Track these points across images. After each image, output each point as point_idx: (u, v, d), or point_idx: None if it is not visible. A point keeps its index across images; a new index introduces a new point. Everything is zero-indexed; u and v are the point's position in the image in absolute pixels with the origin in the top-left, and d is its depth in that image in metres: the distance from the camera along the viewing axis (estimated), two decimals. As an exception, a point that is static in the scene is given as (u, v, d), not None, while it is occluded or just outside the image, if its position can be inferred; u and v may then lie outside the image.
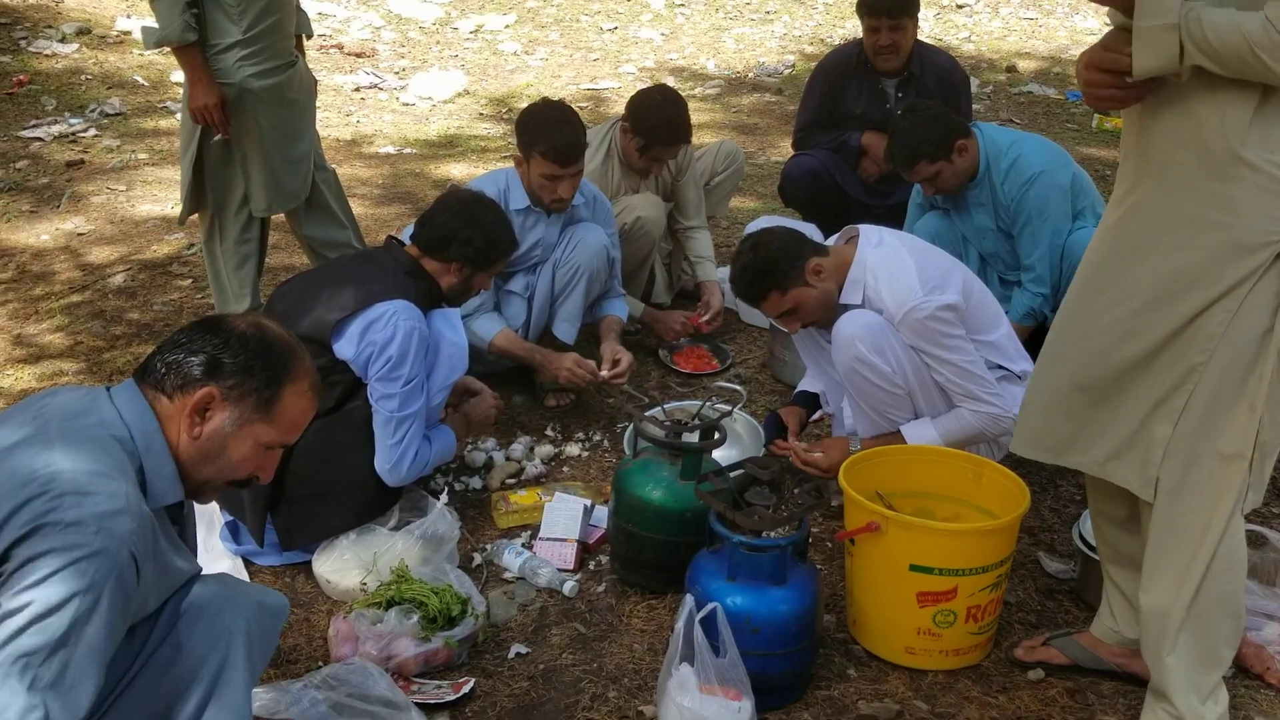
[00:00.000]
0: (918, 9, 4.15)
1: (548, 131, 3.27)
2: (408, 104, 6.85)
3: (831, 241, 3.05)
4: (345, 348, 2.64)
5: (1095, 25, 8.31)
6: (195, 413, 1.68)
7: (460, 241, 2.83)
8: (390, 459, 2.64)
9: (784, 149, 5.40)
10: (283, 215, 3.75)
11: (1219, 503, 1.99)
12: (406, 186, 5.42)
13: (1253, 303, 1.91)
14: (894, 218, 4.05)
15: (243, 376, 1.70)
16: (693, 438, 2.61)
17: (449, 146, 6.10)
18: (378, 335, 2.61)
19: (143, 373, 1.72)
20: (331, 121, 6.41)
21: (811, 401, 3.14)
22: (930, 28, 8.32)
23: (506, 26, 8.33)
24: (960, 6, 8.77)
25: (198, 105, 3.33)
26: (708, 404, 2.75)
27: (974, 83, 6.99)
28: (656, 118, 3.71)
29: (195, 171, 3.49)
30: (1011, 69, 7.45)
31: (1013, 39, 8.14)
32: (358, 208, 4.92)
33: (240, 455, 1.73)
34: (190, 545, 1.87)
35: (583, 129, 3.36)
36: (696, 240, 4.08)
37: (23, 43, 7.05)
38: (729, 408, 2.72)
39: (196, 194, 3.55)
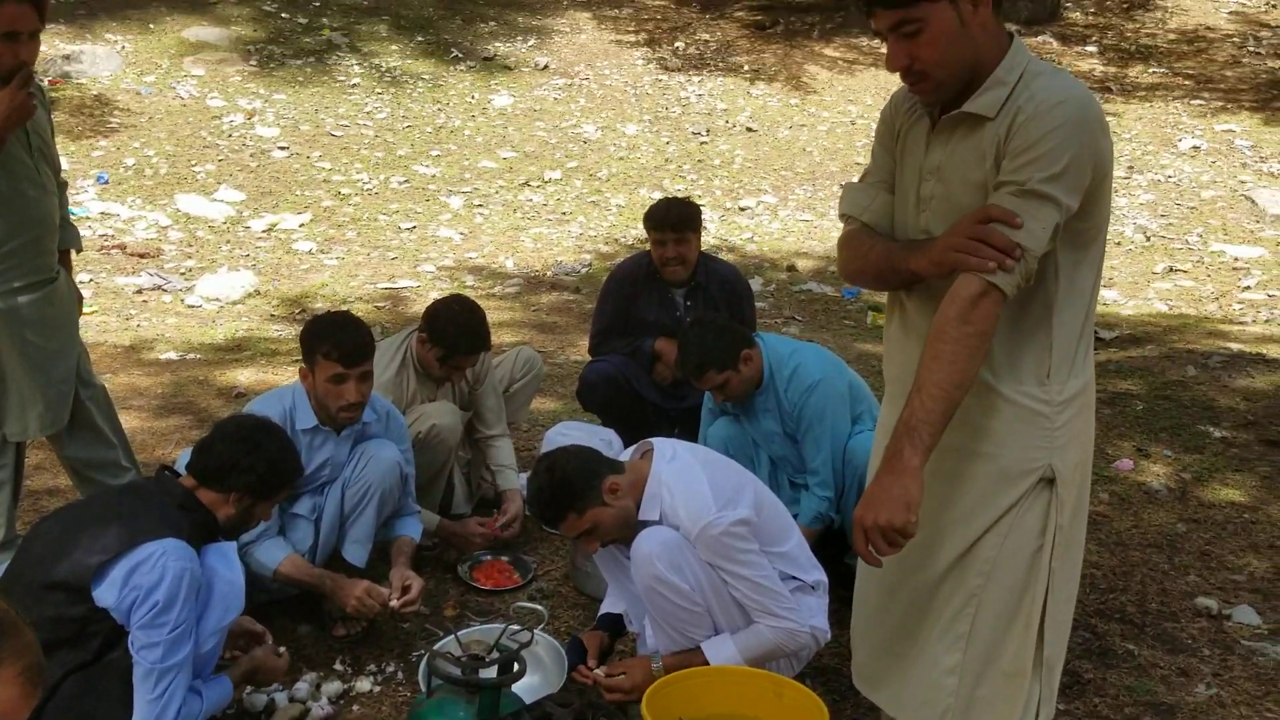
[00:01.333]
0: (700, 223, 4.38)
1: (331, 333, 3.22)
2: (193, 306, 6.64)
3: (626, 456, 3.08)
4: (106, 594, 2.42)
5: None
6: None
7: (241, 470, 2.69)
8: (149, 716, 2.40)
9: (583, 348, 5.49)
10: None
11: None
12: (188, 396, 5.18)
13: (1021, 526, 2.02)
14: (689, 420, 4.15)
15: None
16: (490, 671, 2.50)
17: (236, 350, 5.91)
18: (144, 579, 2.42)
19: None
20: (110, 326, 6.12)
21: (615, 624, 3.09)
22: (715, 229, 8.78)
23: (301, 225, 8.28)
24: (743, 209, 9.32)
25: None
26: (506, 632, 2.65)
27: (758, 281, 7.38)
28: (455, 327, 3.72)
29: None
30: (791, 268, 7.91)
31: (791, 239, 8.68)
32: (134, 420, 4.67)
33: None
34: None
35: (369, 331, 3.31)
36: (498, 449, 4.05)
37: None
38: (528, 636, 2.63)
39: None
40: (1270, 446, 4.62)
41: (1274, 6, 13.11)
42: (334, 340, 3.18)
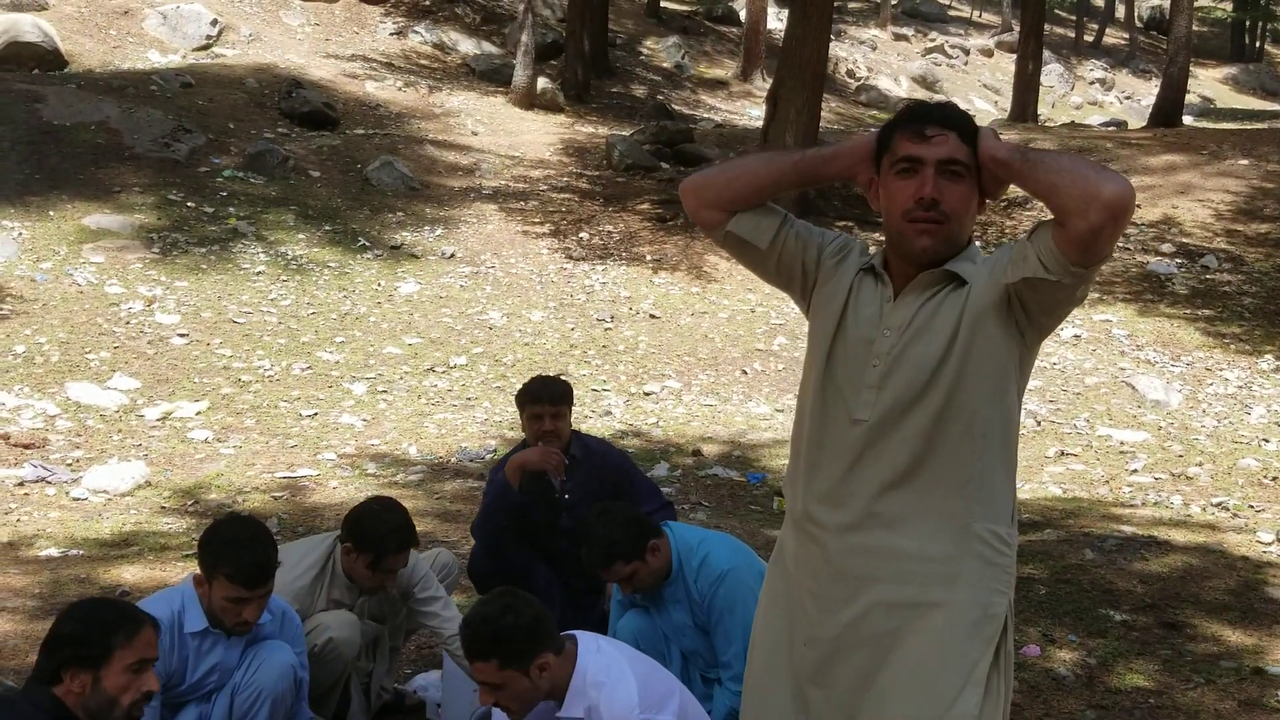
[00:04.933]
0: (572, 400, 4.41)
1: (234, 552, 3.08)
2: (79, 499, 6.36)
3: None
4: (-39, 824, 2.22)
5: (767, 410, 9.15)
6: None
7: (60, 641, 2.52)
8: None
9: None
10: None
11: None
12: (68, 596, 4.88)
13: (994, 678, 2.02)
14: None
15: None
16: None
17: (123, 546, 5.64)
18: (6, 803, 2.22)
19: None
20: (-14, 520, 5.82)
21: None
22: (621, 414, 8.84)
23: (198, 413, 8.09)
24: (647, 394, 9.43)
25: None
26: None
27: (664, 466, 7.39)
28: (383, 527, 3.60)
29: None
30: (697, 453, 7.96)
31: (696, 424, 8.77)
32: (6, 624, 4.41)
33: None
34: None
35: (274, 547, 3.19)
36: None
37: None
38: None
39: None
40: (1170, 629, 4.70)
41: (1139, 206, 14.14)
42: (237, 563, 3.06)
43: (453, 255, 12.02)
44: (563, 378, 4.60)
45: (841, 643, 2.08)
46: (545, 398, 4.27)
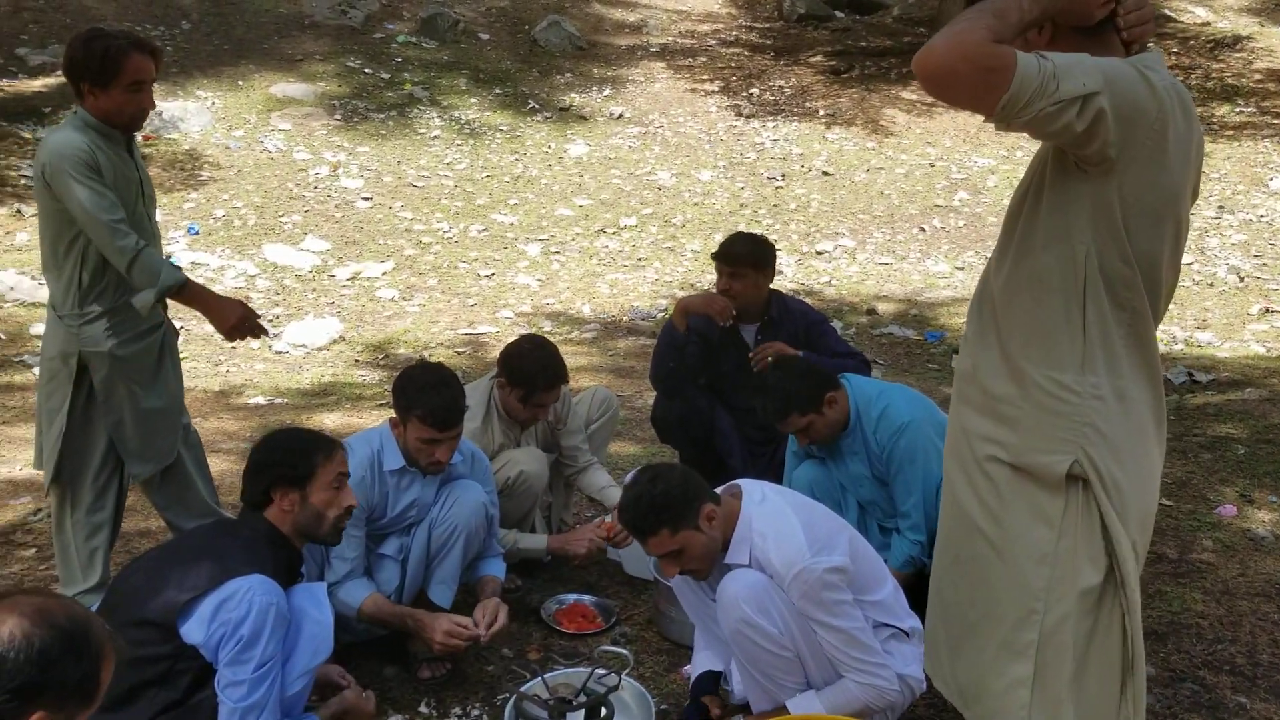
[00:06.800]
0: (765, 262, 4.21)
1: (425, 396, 3.23)
2: (281, 352, 6.77)
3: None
4: (194, 630, 2.44)
5: (945, 269, 8.86)
6: None
7: (267, 465, 2.69)
8: (237, 756, 2.40)
9: (660, 393, 5.44)
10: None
11: None
12: (276, 439, 5.26)
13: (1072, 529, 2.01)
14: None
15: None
16: (578, 715, 2.46)
17: (323, 395, 6.00)
18: (231, 614, 2.44)
19: None
20: (200, 372, 6.26)
21: (713, 684, 2.99)
22: (793, 273, 8.74)
23: (384, 274, 8.43)
24: (820, 253, 9.26)
25: (231, 324, 3.24)
26: (593, 675, 2.61)
27: (837, 325, 7.30)
28: (532, 365, 3.74)
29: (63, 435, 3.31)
30: (871, 311, 7.82)
31: (870, 283, 8.59)
32: (223, 463, 4.75)
33: None
34: None
35: (461, 392, 3.32)
36: (592, 476, 4.05)
37: None
38: (615, 679, 2.59)
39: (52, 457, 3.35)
40: (1384, 492, 4.41)
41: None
42: (429, 406, 3.20)
43: (621, 115, 11.94)
44: (764, 238, 4.44)
45: (948, 460, 2.21)
46: (724, 257, 4.19)
